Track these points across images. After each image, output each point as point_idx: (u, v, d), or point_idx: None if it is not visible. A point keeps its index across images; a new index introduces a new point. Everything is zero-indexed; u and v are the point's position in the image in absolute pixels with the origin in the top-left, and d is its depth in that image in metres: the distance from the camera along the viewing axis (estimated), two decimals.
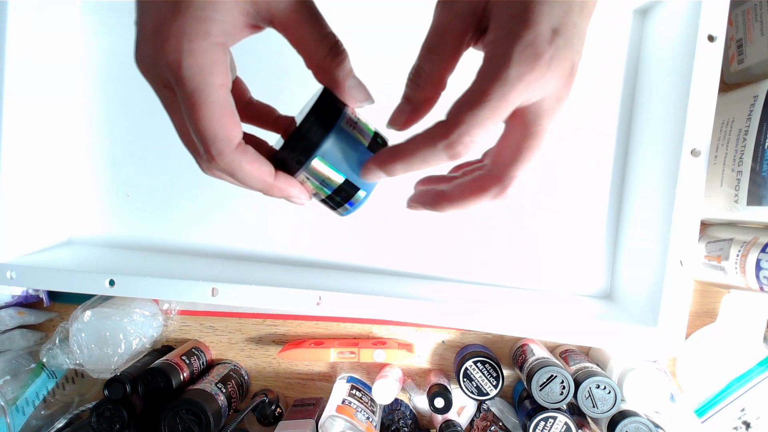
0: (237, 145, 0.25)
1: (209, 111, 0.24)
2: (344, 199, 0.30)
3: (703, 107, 0.44)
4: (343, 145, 0.28)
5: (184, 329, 0.61)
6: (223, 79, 0.24)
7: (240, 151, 0.25)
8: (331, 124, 0.27)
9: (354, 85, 0.28)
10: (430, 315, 0.46)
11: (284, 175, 0.28)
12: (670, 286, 0.44)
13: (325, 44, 0.26)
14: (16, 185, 0.49)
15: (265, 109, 0.32)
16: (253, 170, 0.26)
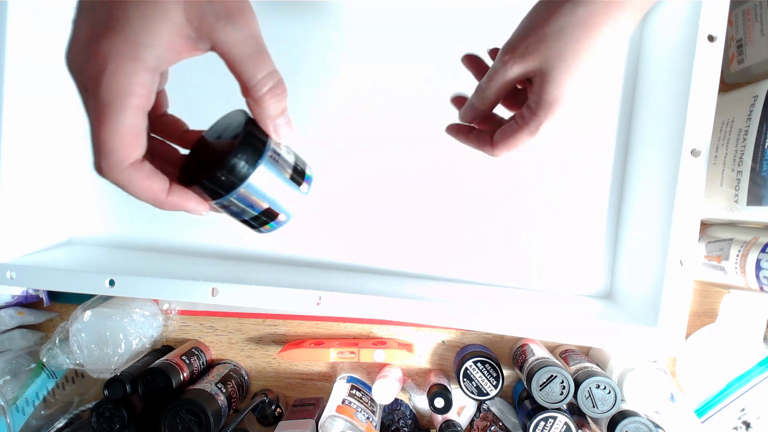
0: (132, 163, 0.26)
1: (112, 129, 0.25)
2: (265, 222, 0.31)
3: (703, 107, 0.44)
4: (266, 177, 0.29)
5: (184, 329, 0.61)
6: (140, 102, 0.25)
7: (133, 169, 0.26)
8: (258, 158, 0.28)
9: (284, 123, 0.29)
10: (430, 315, 0.46)
11: (179, 191, 0.28)
12: (670, 286, 0.44)
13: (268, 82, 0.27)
14: (16, 185, 0.49)
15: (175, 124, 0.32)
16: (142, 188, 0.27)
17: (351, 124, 0.54)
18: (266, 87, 0.27)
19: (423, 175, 0.54)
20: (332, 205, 0.55)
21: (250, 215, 0.30)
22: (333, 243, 0.55)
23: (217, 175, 0.27)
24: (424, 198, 0.54)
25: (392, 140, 0.54)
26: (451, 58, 0.53)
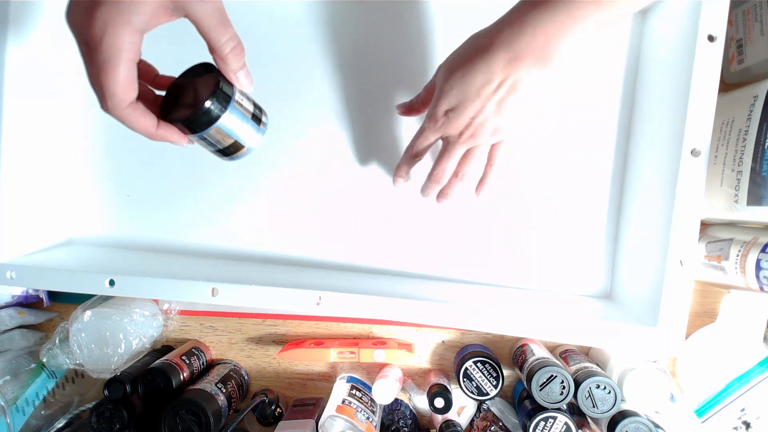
0: (129, 104, 0.33)
1: (113, 78, 0.32)
2: (229, 154, 0.40)
3: (703, 107, 0.44)
4: (233, 118, 0.37)
5: (184, 329, 0.61)
6: (131, 56, 0.32)
7: (131, 108, 0.33)
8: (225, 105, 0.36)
9: (245, 75, 0.37)
10: (430, 315, 0.46)
11: (165, 126, 0.36)
12: (670, 286, 0.44)
13: (230, 44, 0.35)
14: (16, 185, 0.49)
15: (148, 69, 0.39)
16: (139, 123, 0.34)
17: (351, 124, 0.54)
18: (229, 48, 0.35)
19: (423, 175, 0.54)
20: (332, 205, 0.55)
21: (219, 147, 0.38)
22: (333, 243, 0.55)
23: (195, 114, 0.35)
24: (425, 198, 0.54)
25: (392, 140, 0.54)
26: None
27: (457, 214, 0.54)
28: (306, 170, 0.55)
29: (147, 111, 0.35)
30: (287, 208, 0.55)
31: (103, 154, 0.56)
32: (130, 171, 0.56)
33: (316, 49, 0.54)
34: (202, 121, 0.35)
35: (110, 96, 0.32)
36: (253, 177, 0.55)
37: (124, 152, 0.56)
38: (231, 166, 0.55)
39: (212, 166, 0.55)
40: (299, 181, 0.55)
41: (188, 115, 0.35)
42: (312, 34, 0.54)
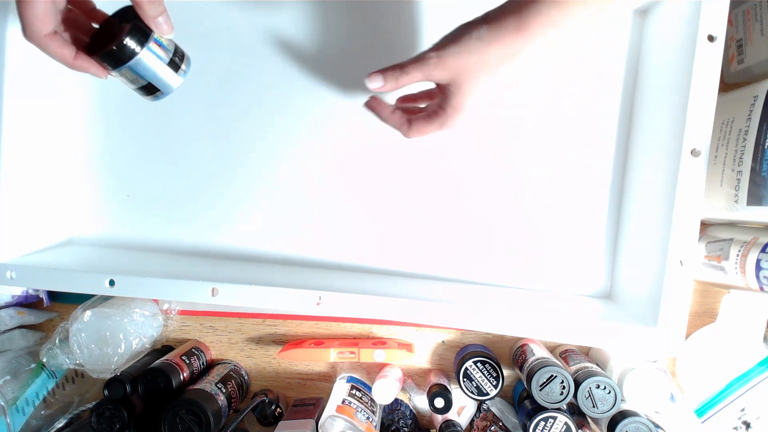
0: (46, 34, 0.36)
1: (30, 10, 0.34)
2: (148, 94, 0.41)
3: (703, 107, 0.44)
4: (146, 61, 0.38)
5: (184, 329, 0.61)
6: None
7: (48, 38, 0.36)
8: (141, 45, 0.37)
9: (164, 20, 0.37)
10: (430, 315, 0.46)
11: (84, 59, 0.38)
12: (670, 286, 0.44)
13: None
14: (16, 185, 0.49)
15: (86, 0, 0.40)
16: (56, 52, 0.37)
17: (351, 124, 0.54)
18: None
19: (423, 175, 0.54)
20: (332, 205, 0.55)
21: (137, 86, 0.40)
22: (333, 243, 0.55)
23: (111, 51, 0.37)
24: (424, 198, 0.54)
25: (393, 140, 0.54)
26: None
27: (457, 214, 0.54)
28: (306, 170, 0.55)
29: (65, 43, 0.37)
30: (287, 208, 0.55)
31: (103, 154, 0.56)
32: (129, 171, 0.56)
33: (317, 49, 0.54)
34: (115, 59, 0.37)
35: (28, 26, 0.35)
36: (254, 177, 0.55)
37: (123, 152, 0.56)
38: (231, 166, 0.55)
39: (212, 166, 0.55)
40: (299, 181, 0.55)
41: (104, 51, 0.37)
42: (311, 33, 0.54)
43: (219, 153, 0.55)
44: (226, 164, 0.55)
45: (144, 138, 0.55)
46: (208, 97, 0.54)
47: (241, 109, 0.54)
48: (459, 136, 0.54)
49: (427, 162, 0.54)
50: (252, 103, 0.54)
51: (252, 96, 0.54)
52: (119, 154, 0.56)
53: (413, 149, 0.54)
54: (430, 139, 0.53)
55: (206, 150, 0.55)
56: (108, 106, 0.56)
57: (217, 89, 0.54)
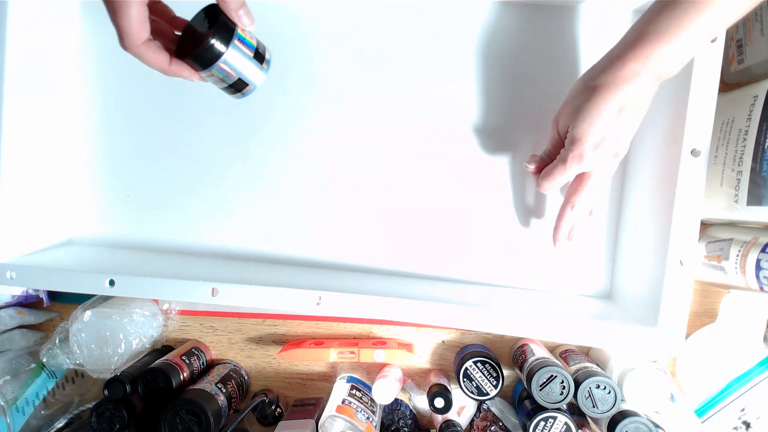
0: (143, 42, 0.36)
1: (127, 18, 0.35)
2: (237, 91, 0.42)
3: (703, 107, 0.44)
4: (235, 55, 0.39)
5: (184, 329, 0.61)
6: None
7: (145, 46, 0.37)
8: (228, 41, 0.38)
9: (245, 13, 0.38)
10: (430, 315, 0.46)
11: (177, 62, 0.39)
12: (670, 286, 0.44)
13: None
14: (16, 185, 0.49)
15: (165, 9, 0.41)
16: (153, 60, 0.38)
17: (351, 124, 0.54)
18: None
19: (423, 176, 0.54)
20: (332, 205, 0.55)
21: (227, 83, 0.41)
22: (333, 243, 0.55)
23: (202, 50, 0.38)
24: (425, 198, 0.54)
25: (392, 140, 0.54)
26: (450, 61, 0.53)
27: (457, 214, 0.54)
28: (306, 170, 0.55)
29: (160, 48, 0.38)
30: (287, 208, 0.55)
31: (103, 154, 0.56)
32: (130, 171, 0.56)
33: (316, 48, 0.54)
34: (206, 58, 0.38)
35: (126, 35, 0.35)
36: (254, 177, 0.55)
37: (124, 152, 0.56)
38: (231, 166, 0.55)
39: (212, 166, 0.55)
40: (299, 181, 0.55)
41: (195, 52, 0.38)
42: (310, 31, 0.54)
43: (219, 153, 0.55)
44: (227, 164, 0.55)
45: (144, 138, 0.55)
46: (208, 97, 0.54)
47: (241, 109, 0.54)
48: (459, 135, 0.54)
49: (428, 162, 0.54)
50: (252, 103, 0.54)
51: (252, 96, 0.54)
52: (119, 154, 0.56)
53: (413, 149, 0.54)
54: (430, 138, 0.54)
55: (206, 150, 0.55)
56: (108, 106, 0.56)
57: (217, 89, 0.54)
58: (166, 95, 0.55)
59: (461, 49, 0.53)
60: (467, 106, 0.53)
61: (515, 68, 0.53)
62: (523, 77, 0.53)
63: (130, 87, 0.55)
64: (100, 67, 0.55)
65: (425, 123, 0.54)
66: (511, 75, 0.53)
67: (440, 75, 0.53)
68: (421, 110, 0.54)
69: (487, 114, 0.53)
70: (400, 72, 0.54)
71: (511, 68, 0.53)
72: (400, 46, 0.53)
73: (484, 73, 0.53)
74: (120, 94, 0.55)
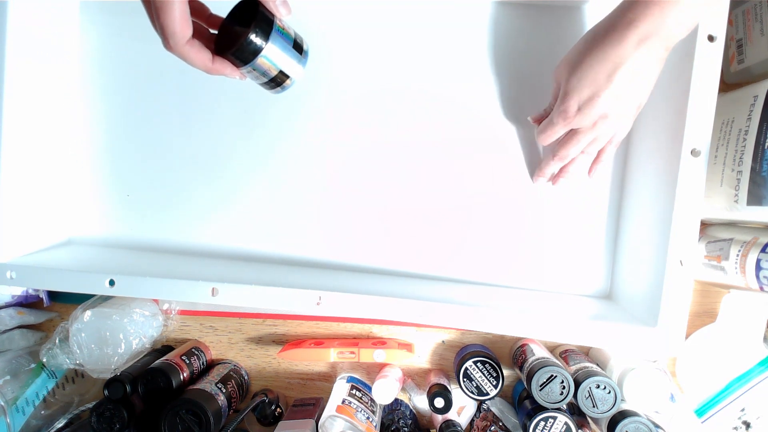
0: (187, 40, 0.36)
1: (170, 16, 0.34)
2: (277, 85, 0.42)
3: (703, 107, 0.44)
4: (276, 47, 0.39)
5: (184, 329, 0.61)
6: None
7: (188, 45, 0.36)
8: (268, 34, 0.38)
9: (283, 3, 0.38)
10: (430, 315, 0.46)
11: (219, 61, 0.39)
12: (670, 286, 0.44)
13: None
14: (16, 185, 0.49)
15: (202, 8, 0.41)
16: (197, 59, 0.37)
17: (351, 124, 0.54)
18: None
19: (423, 175, 0.54)
20: (332, 205, 0.55)
21: (268, 77, 0.41)
22: (333, 243, 0.55)
23: (243, 44, 0.37)
24: (425, 198, 0.54)
25: (392, 140, 0.54)
26: (450, 60, 0.53)
27: (457, 214, 0.54)
28: (307, 170, 0.55)
29: (203, 47, 0.37)
30: (287, 208, 0.55)
31: (103, 154, 0.56)
32: (130, 171, 0.56)
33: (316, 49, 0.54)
34: (248, 52, 0.38)
35: (170, 34, 0.35)
36: (254, 177, 0.55)
37: (124, 152, 0.56)
38: (232, 166, 0.55)
39: (212, 166, 0.55)
40: (299, 181, 0.55)
41: (236, 47, 0.37)
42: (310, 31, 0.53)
43: (219, 153, 0.55)
44: (227, 164, 0.55)
45: (144, 138, 0.55)
46: (208, 96, 0.54)
47: (241, 109, 0.54)
48: (459, 135, 0.54)
49: (427, 162, 0.54)
50: (252, 103, 0.54)
51: (252, 95, 0.54)
52: (119, 154, 0.56)
53: (414, 149, 0.54)
54: (429, 138, 0.54)
55: (206, 150, 0.55)
56: (108, 106, 0.56)
57: (217, 89, 0.54)
58: (166, 95, 0.55)
59: (461, 49, 0.53)
60: (467, 106, 0.53)
61: (516, 68, 0.53)
62: (524, 77, 0.53)
63: (130, 87, 0.55)
64: (100, 67, 0.55)
65: (425, 123, 0.54)
66: (512, 75, 0.53)
67: (440, 75, 0.53)
68: (421, 110, 0.54)
69: (487, 114, 0.53)
70: (400, 72, 0.54)
71: (512, 68, 0.53)
72: (400, 46, 0.53)
73: (484, 72, 0.53)
74: (120, 94, 0.55)
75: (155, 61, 0.54)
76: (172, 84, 0.55)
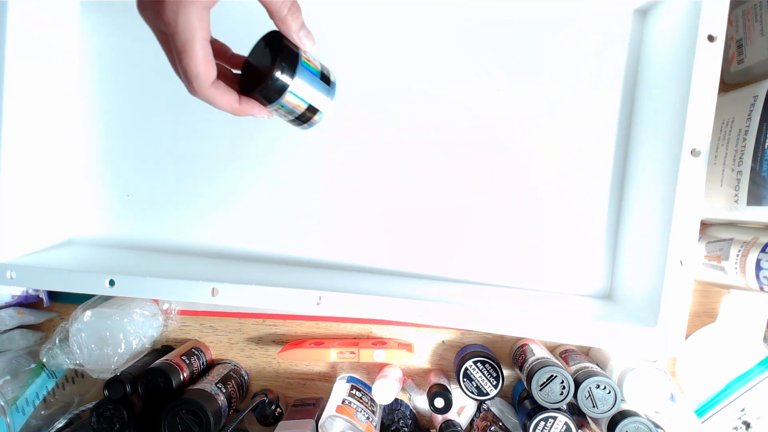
0: (212, 82, 0.34)
1: (194, 58, 0.32)
2: (305, 121, 0.40)
3: (703, 107, 0.43)
4: (303, 81, 0.37)
5: (184, 329, 0.61)
6: (205, 34, 0.32)
7: (214, 87, 0.35)
8: (294, 68, 0.36)
9: (306, 34, 0.37)
10: (430, 315, 0.46)
11: (246, 100, 0.37)
12: (670, 286, 0.44)
13: (286, 5, 0.35)
14: (16, 185, 0.49)
15: (223, 48, 0.40)
16: (223, 101, 0.36)
17: (351, 124, 0.54)
18: (286, 8, 0.35)
19: (423, 175, 0.54)
20: (332, 205, 0.55)
21: (297, 113, 0.38)
22: (333, 243, 0.55)
23: (271, 81, 0.35)
24: (424, 198, 0.54)
25: (392, 140, 0.54)
26: (450, 60, 0.53)
27: (457, 214, 0.54)
28: (306, 170, 0.55)
29: (228, 88, 0.36)
30: (287, 208, 0.55)
31: (103, 154, 0.56)
32: (130, 171, 0.56)
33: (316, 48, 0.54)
34: (275, 89, 0.36)
35: (194, 77, 0.33)
36: (254, 177, 0.55)
37: (124, 152, 0.56)
38: (231, 166, 0.55)
39: (212, 165, 0.55)
40: (299, 181, 0.55)
41: (263, 86, 0.36)
42: None
43: (219, 153, 0.55)
44: (227, 164, 0.55)
45: (144, 138, 0.55)
46: None
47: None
48: (459, 135, 0.54)
49: (427, 162, 0.54)
50: None
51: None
52: (119, 154, 0.56)
53: (413, 149, 0.54)
54: (429, 138, 0.54)
55: (206, 150, 0.55)
56: (108, 106, 0.56)
57: None
58: (166, 95, 0.55)
59: (461, 49, 0.53)
60: (467, 106, 0.53)
61: (515, 68, 0.53)
62: (522, 77, 0.53)
63: (130, 87, 0.55)
64: (100, 67, 0.55)
65: (425, 123, 0.54)
66: (510, 75, 0.53)
67: (440, 75, 0.53)
68: (421, 110, 0.54)
69: (487, 114, 0.53)
70: (400, 72, 0.54)
71: (511, 68, 0.53)
72: (400, 46, 0.53)
73: (484, 72, 0.53)
74: (120, 94, 0.55)
75: (155, 61, 0.54)
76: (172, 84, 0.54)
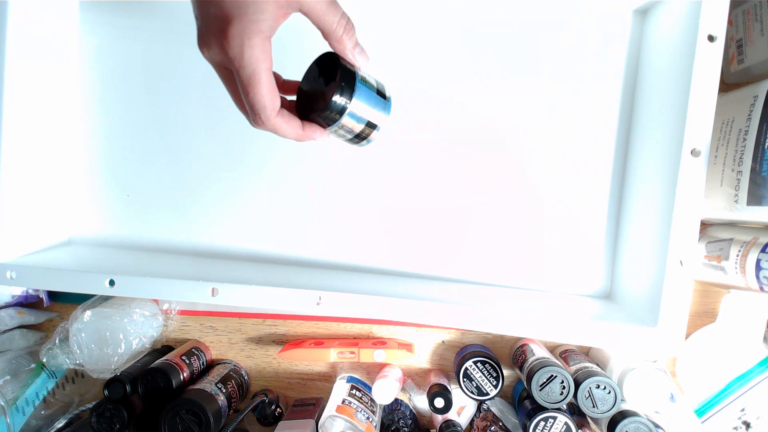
0: (277, 113, 0.34)
1: (261, 90, 0.33)
2: (362, 139, 0.39)
3: (703, 107, 0.43)
4: (362, 100, 0.37)
5: (184, 329, 0.61)
6: (269, 64, 0.33)
7: (279, 116, 0.35)
8: (352, 88, 0.36)
9: (360, 51, 0.37)
10: (430, 315, 0.46)
11: (308, 126, 0.37)
12: (670, 286, 0.44)
13: (342, 23, 0.35)
14: (16, 185, 0.49)
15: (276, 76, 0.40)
16: (289, 129, 0.36)
17: None
18: (342, 28, 0.35)
19: (423, 175, 0.54)
20: (332, 205, 0.55)
21: (355, 133, 0.39)
22: (333, 243, 0.55)
23: (330, 103, 0.35)
24: (424, 198, 0.54)
25: (392, 140, 0.54)
26: (450, 60, 0.53)
27: (457, 214, 0.54)
28: (306, 170, 0.55)
29: (292, 116, 0.36)
30: (287, 208, 0.55)
31: (103, 154, 0.56)
32: (130, 171, 0.56)
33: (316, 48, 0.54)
34: (336, 110, 0.36)
35: (261, 109, 0.34)
36: (254, 177, 0.55)
37: (124, 152, 0.56)
38: (231, 166, 0.55)
39: (212, 166, 0.55)
40: (299, 181, 0.55)
41: (323, 109, 0.36)
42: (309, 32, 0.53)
43: (219, 153, 0.55)
44: (226, 164, 0.55)
45: (144, 138, 0.55)
46: (207, 96, 0.54)
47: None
48: (459, 135, 0.54)
49: (427, 162, 0.54)
50: None
51: None
52: (119, 153, 0.56)
53: (413, 149, 0.54)
54: (429, 138, 0.54)
55: (206, 150, 0.55)
56: (108, 106, 0.56)
57: (216, 89, 0.54)
58: (166, 95, 0.55)
59: (460, 48, 0.53)
60: (467, 106, 0.53)
61: (515, 68, 0.53)
62: (522, 77, 0.53)
63: (130, 87, 0.55)
64: (99, 67, 0.55)
65: (425, 123, 0.54)
66: (510, 74, 0.53)
67: (440, 75, 0.53)
68: (421, 110, 0.54)
69: (487, 114, 0.53)
70: (399, 72, 0.54)
71: (511, 68, 0.53)
72: (400, 46, 0.53)
73: (484, 72, 0.53)
74: (119, 95, 0.55)
75: (155, 61, 0.54)
76: (172, 84, 0.55)
